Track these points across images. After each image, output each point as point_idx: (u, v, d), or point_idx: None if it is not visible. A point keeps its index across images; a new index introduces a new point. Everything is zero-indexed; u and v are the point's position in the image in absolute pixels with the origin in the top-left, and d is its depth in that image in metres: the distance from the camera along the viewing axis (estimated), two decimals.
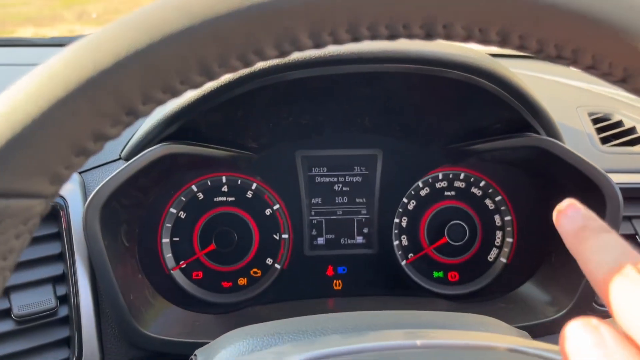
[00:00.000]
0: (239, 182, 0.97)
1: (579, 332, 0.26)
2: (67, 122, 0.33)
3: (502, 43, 0.37)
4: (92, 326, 0.77)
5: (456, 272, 0.99)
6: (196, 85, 0.36)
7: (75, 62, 0.33)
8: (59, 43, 1.33)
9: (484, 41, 0.37)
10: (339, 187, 1.01)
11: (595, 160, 0.82)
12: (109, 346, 0.79)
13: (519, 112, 0.79)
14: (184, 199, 0.95)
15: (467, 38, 0.36)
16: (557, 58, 0.37)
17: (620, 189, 0.84)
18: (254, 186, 0.97)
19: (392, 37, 0.36)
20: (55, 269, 0.76)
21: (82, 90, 0.33)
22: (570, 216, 0.33)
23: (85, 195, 0.78)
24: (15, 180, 0.34)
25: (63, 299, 0.75)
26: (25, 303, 0.72)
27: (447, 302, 0.96)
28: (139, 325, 0.74)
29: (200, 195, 0.96)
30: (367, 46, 0.71)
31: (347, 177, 1.01)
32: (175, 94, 0.36)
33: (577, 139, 0.95)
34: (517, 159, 0.92)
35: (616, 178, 0.86)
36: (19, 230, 0.34)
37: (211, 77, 0.36)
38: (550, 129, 0.82)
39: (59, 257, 0.77)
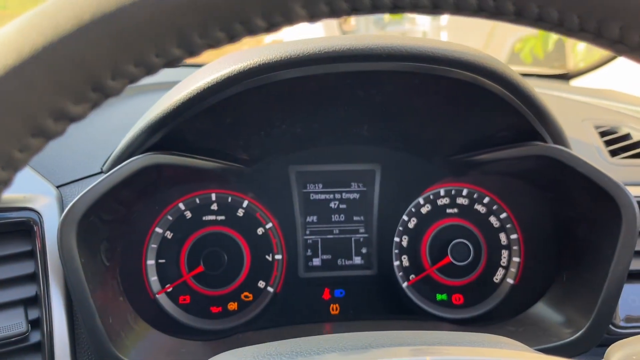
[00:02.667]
0: (230, 200, 0.93)
1: None
2: (19, 94, 0.28)
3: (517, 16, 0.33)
4: (66, 353, 0.71)
5: (460, 295, 0.94)
6: (174, 61, 0.31)
7: (31, 27, 0.29)
8: None
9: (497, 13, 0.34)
10: (335, 204, 0.98)
11: (609, 173, 0.78)
12: None
13: (525, 118, 0.75)
14: (170, 218, 0.90)
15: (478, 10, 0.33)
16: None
17: (639, 202, 0.80)
18: (245, 204, 0.93)
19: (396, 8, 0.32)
20: (28, 291, 0.71)
21: (38, 57, 0.28)
22: None
23: (62, 210, 0.73)
24: None
25: (35, 323, 0.70)
26: None
27: (451, 325, 0.92)
28: (118, 351, 0.68)
29: (188, 214, 0.92)
30: (364, 42, 0.68)
31: (343, 194, 0.98)
32: (151, 69, 0.31)
33: (586, 151, 0.92)
34: (523, 170, 0.88)
35: (633, 191, 0.83)
36: None
37: (192, 51, 0.31)
38: (558, 138, 0.78)
39: (32, 278, 0.71)
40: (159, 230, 0.90)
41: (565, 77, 1.41)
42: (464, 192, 0.96)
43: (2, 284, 0.70)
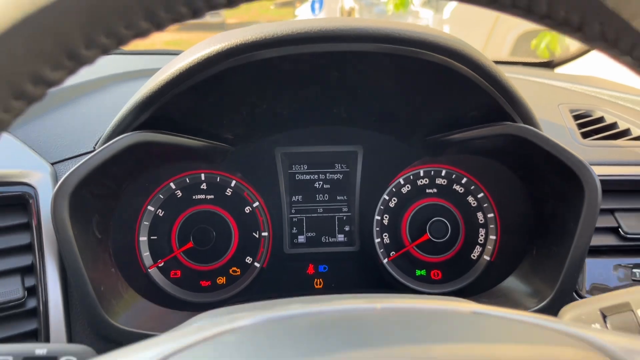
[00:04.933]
0: (218, 180, 0.97)
1: None
2: (2, 62, 0.32)
3: None
4: (60, 318, 0.76)
5: (439, 271, 0.98)
6: (143, 33, 0.35)
7: (12, 1, 0.33)
8: None
9: None
10: (319, 184, 1.01)
11: (576, 152, 0.81)
12: (77, 339, 0.77)
13: (494, 99, 0.78)
14: (162, 197, 0.94)
15: None
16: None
17: (603, 181, 0.83)
18: (233, 183, 0.97)
19: None
20: (24, 260, 0.76)
21: (18, 28, 0.32)
22: None
23: (53, 183, 0.78)
24: None
25: (31, 291, 0.74)
26: None
27: None
28: (108, 316, 0.72)
29: (179, 193, 0.95)
30: (334, 24, 0.71)
31: (327, 175, 1.02)
32: (121, 40, 0.35)
33: (558, 132, 0.96)
34: (496, 150, 0.91)
35: (598, 170, 0.86)
36: None
37: (158, 25, 0.35)
38: (527, 118, 0.81)
39: (28, 248, 0.76)
40: (151, 208, 0.93)
41: (550, 64, 1.44)
42: (443, 173, 0.99)
43: (0, 253, 0.74)
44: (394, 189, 0.98)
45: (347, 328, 0.40)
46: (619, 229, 0.87)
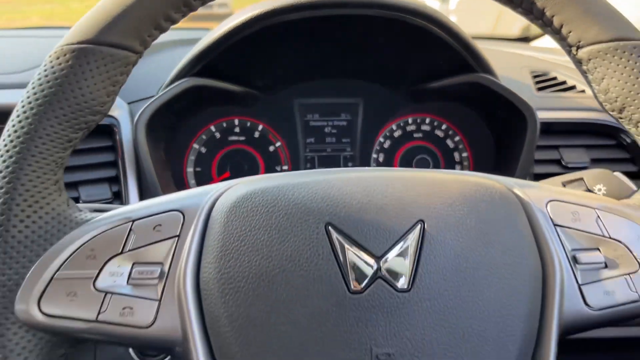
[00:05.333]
0: (248, 125, 1.19)
1: None
2: (152, 5, 0.57)
3: None
4: None
5: None
6: None
7: None
8: None
9: None
10: (328, 129, 1.22)
11: (529, 100, 1.04)
12: None
13: (461, 55, 1.02)
14: (204, 137, 1.17)
15: None
16: None
17: (550, 123, 1.06)
18: (260, 127, 1.19)
19: None
20: (110, 173, 0.99)
21: None
22: None
23: (132, 118, 1.02)
24: (122, 39, 0.57)
25: (116, 194, 0.98)
26: (89, 194, 0.96)
27: None
28: None
29: (217, 134, 1.18)
30: None
31: (335, 122, 1.22)
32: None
33: (518, 86, 1.16)
34: (464, 96, 1.13)
35: (547, 114, 1.09)
36: (121, 70, 0.57)
37: None
38: (487, 69, 1.05)
39: (113, 164, 0.99)
40: (196, 146, 1.16)
41: (527, 39, 1.67)
42: (427, 121, 1.21)
43: (93, 167, 0.98)
44: (387, 133, 1.20)
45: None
46: (561, 161, 1.09)
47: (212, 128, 1.18)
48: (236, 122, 1.19)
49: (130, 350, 0.91)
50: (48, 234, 0.53)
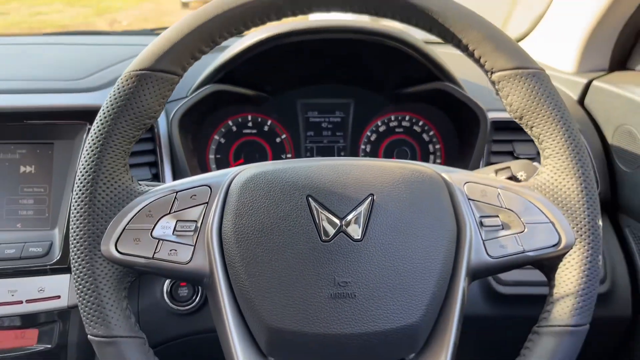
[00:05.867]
0: (259, 120, 1.37)
1: None
2: (190, 43, 0.74)
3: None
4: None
5: None
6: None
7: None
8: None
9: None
10: (325, 124, 1.41)
11: (488, 102, 1.26)
12: None
13: (429, 68, 1.23)
14: (223, 130, 1.36)
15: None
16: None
17: (505, 121, 1.27)
18: (269, 122, 1.37)
19: None
20: (150, 158, 1.17)
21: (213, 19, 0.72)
22: None
23: (167, 116, 1.23)
24: (169, 67, 0.74)
25: (155, 176, 1.19)
26: (134, 174, 1.15)
27: None
28: None
29: (234, 128, 1.36)
30: (335, 23, 1.17)
31: (330, 118, 1.41)
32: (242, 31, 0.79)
33: (479, 90, 1.32)
34: (435, 99, 1.33)
35: (503, 115, 1.28)
36: (168, 88, 0.75)
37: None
38: (450, 79, 1.26)
39: (152, 152, 1.20)
40: (216, 137, 1.35)
41: None
42: (407, 118, 1.39)
43: (136, 154, 1.14)
44: (373, 128, 1.38)
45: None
46: (513, 153, 1.25)
47: (230, 122, 1.36)
48: (249, 118, 1.37)
49: (165, 295, 1.16)
50: (120, 199, 0.72)
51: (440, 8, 0.73)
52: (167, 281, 1.16)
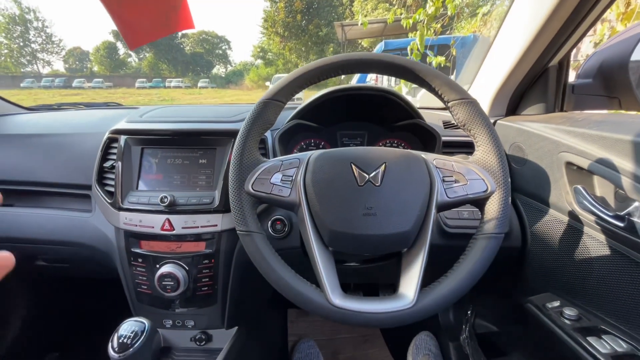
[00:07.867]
0: (317, 141, 1.87)
1: None
2: (293, 84, 1.18)
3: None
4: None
5: None
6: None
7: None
8: None
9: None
10: (352, 145, 1.88)
11: (441, 131, 1.81)
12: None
13: (409, 112, 1.72)
14: (298, 147, 1.85)
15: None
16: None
17: (450, 141, 1.79)
18: (322, 143, 1.87)
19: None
20: (264, 152, 1.75)
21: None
22: None
23: (272, 134, 1.74)
24: (281, 98, 1.18)
25: None
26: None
27: None
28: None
29: (304, 146, 1.86)
30: (359, 85, 1.69)
31: (353, 142, 1.88)
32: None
33: (435, 126, 1.84)
34: (414, 129, 1.80)
35: (448, 138, 1.82)
36: (279, 110, 1.17)
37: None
38: (420, 117, 1.75)
39: (264, 150, 1.75)
40: (295, 151, 1.81)
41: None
42: (395, 141, 1.84)
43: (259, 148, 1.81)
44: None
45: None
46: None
47: (302, 143, 1.87)
48: (312, 140, 1.86)
49: (269, 228, 1.57)
50: (254, 163, 1.08)
51: (421, 68, 1.03)
52: (271, 220, 1.60)
